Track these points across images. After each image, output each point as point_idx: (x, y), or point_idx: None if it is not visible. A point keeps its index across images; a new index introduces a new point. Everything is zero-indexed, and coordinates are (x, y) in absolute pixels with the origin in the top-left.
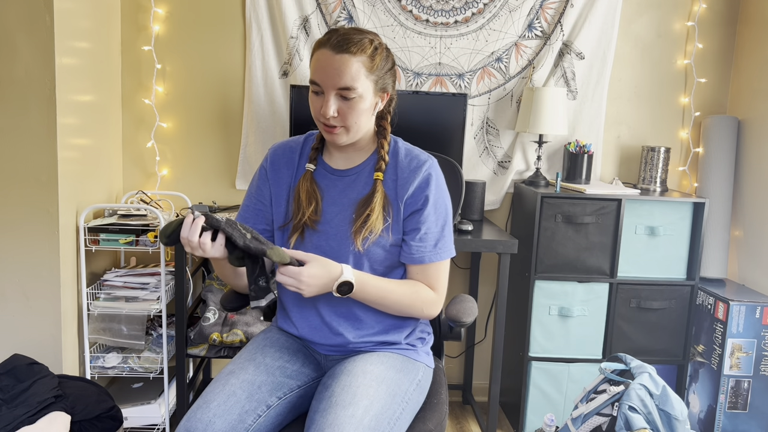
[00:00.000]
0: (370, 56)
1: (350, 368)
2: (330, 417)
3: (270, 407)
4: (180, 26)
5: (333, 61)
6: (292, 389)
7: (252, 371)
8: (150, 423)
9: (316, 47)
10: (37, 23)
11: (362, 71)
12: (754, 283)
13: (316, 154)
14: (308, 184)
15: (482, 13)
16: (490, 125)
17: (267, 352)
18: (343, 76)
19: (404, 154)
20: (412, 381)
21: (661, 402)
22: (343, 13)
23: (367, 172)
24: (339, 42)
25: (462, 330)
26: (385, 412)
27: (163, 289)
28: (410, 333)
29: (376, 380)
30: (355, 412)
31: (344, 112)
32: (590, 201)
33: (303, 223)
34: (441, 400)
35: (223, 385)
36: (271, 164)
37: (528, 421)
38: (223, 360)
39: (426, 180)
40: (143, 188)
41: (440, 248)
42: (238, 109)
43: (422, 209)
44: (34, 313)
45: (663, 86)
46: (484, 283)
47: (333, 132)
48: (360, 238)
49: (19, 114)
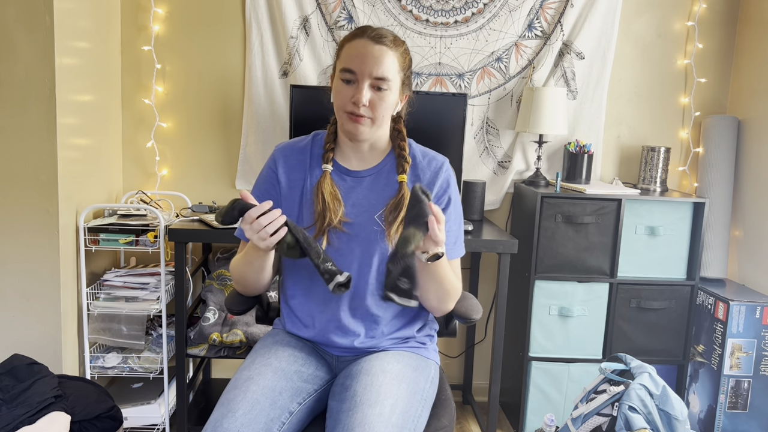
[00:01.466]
0: (402, 53)
1: (368, 368)
2: (358, 416)
3: (292, 413)
4: (180, 26)
5: (372, 50)
6: (309, 393)
7: (271, 377)
8: (150, 423)
9: (349, 39)
10: (37, 23)
11: (396, 65)
12: (754, 283)
13: (332, 153)
14: (330, 185)
15: (482, 13)
16: (490, 125)
17: (280, 356)
18: (380, 65)
19: (421, 155)
20: (427, 378)
21: (661, 402)
22: (343, 13)
23: (386, 172)
24: (377, 35)
25: (457, 326)
26: (409, 410)
27: (163, 289)
28: (422, 327)
29: (397, 379)
30: (382, 410)
31: (375, 103)
32: (590, 201)
33: (331, 225)
34: (448, 396)
35: (244, 393)
36: (282, 166)
37: (528, 421)
38: (223, 360)
39: (447, 181)
40: (143, 188)
41: (458, 245)
42: (238, 109)
43: (445, 209)
44: (34, 313)
45: (663, 86)
46: (484, 283)
47: (360, 121)
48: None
49: (19, 114)
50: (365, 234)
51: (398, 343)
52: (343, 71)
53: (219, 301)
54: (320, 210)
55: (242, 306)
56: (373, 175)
